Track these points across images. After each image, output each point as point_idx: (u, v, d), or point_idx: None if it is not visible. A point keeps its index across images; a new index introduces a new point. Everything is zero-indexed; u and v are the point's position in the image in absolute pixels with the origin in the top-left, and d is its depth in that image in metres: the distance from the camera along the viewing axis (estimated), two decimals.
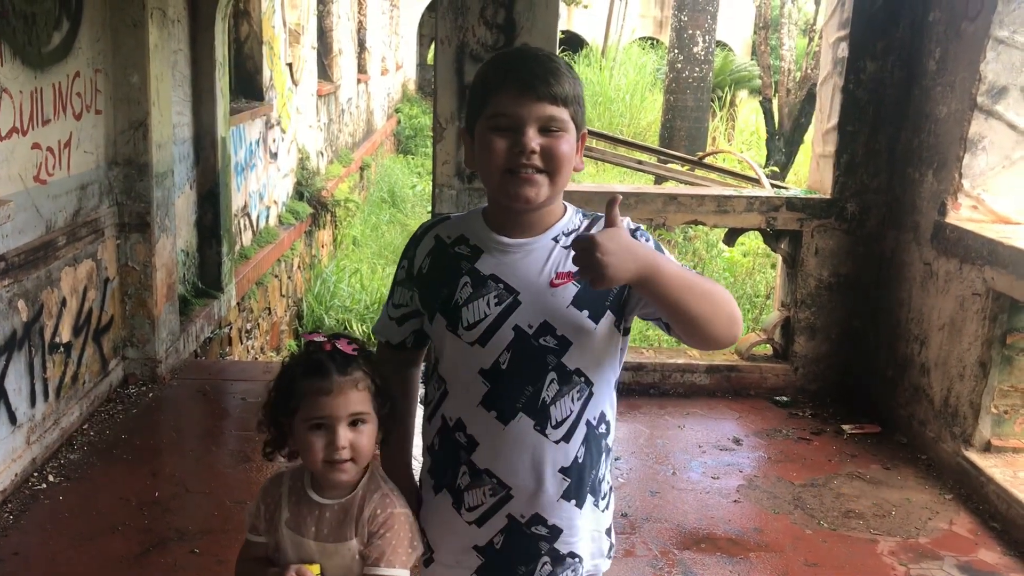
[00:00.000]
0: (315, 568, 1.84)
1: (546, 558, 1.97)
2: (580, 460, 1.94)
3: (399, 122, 21.28)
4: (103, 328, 5.03)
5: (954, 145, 4.62)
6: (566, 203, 1.99)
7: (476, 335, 1.88)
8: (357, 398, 1.83)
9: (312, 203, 10.52)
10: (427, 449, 2.04)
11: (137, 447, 4.58)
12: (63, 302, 4.52)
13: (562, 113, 1.82)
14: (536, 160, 1.81)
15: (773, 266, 11.14)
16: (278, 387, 1.89)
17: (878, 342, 5.32)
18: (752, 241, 12.28)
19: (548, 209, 1.93)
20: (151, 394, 5.21)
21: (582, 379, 1.92)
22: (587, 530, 1.99)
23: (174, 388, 5.36)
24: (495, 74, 1.86)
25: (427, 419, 2.04)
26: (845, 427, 5.08)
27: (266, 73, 8.82)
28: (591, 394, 1.93)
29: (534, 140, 1.81)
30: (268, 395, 1.91)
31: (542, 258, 1.90)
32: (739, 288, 10.79)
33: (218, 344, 6.85)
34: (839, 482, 4.48)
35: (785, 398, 5.42)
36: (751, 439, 4.94)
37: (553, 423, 1.89)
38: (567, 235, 1.92)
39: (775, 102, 16.43)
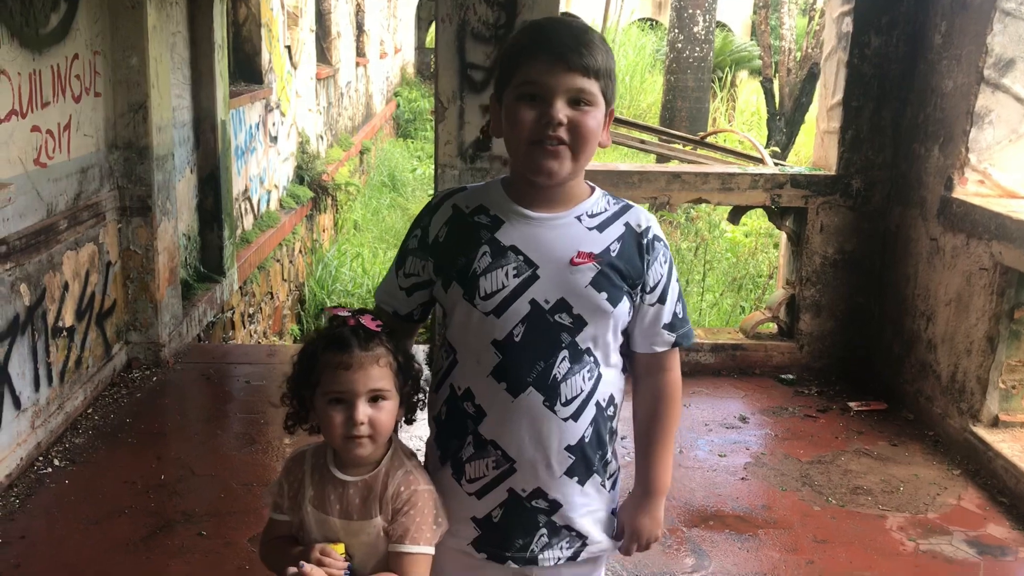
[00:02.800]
0: (340, 547, 1.82)
1: (543, 530, 1.96)
2: (587, 439, 1.93)
3: (398, 106, 21.20)
4: (106, 312, 5.00)
5: (960, 119, 4.58)
6: (593, 184, 1.98)
7: (492, 305, 1.86)
8: (378, 374, 1.81)
9: (313, 187, 10.48)
10: (433, 419, 2.03)
11: (142, 431, 4.57)
12: (65, 286, 4.50)
13: (592, 86, 1.80)
14: (562, 133, 1.79)
15: (776, 246, 11.10)
16: (300, 360, 1.88)
17: (884, 319, 5.30)
18: (754, 221, 12.24)
19: (572, 185, 1.92)
20: (155, 378, 5.19)
21: (592, 359, 1.91)
22: (589, 508, 1.98)
23: (178, 372, 5.34)
24: (527, 41, 1.83)
25: (434, 388, 2.02)
26: (851, 404, 5.06)
27: (265, 56, 8.77)
28: (600, 376, 1.93)
29: (562, 112, 1.78)
30: (291, 368, 1.90)
31: (565, 235, 1.89)
32: (741, 268, 10.76)
33: (221, 328, 6.83)
34: (846, 459, 4.47)
35: (791, 376, 5.40)
36: (757, 417, 4.92)
37: (563, 400, 1.88)
38: (592, 216, 1.92)
39: (776, 82, 16.37)
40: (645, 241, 1.93)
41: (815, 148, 5.65)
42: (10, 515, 3.74)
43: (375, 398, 1.81)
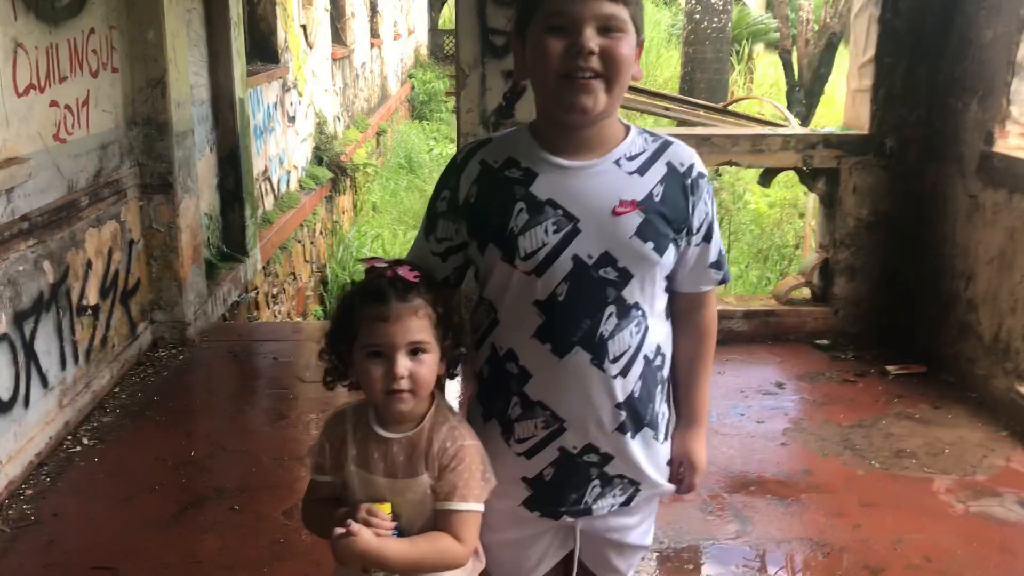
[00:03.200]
0: (386, 506, 1.75)
1: (596, 481, 1.90)
2: (636, 395, 1.85)
3: (413, 87, 21.09)
4: (130, 291, 4.95)
5: (1001, 71, 4.43)
6: (628, 123, 1.87)
7: (533, 265, 1.77)
8: (417, 326, 1.73)
9: (331, 168, 10.42)
10: (475, 375, 1.95)
11: (170, 409, 4.52)
12: (88, 264, 4.44)
13: (622, 11, 1.70)
14: (594, 63, 1.69)
15: (801, 216, 10.96)
16: (338, 313, 1.81)
17: (921, 280, 5.17)
18: (778, 192, 12.09)
19: (607, 126, 1.81)
20: (181, 357, 5.14)
21: (640, 313, 1.82)
22: (642, 458, 1.90)
23: (204, 350, 5.29)
24: None
25: (475, 346, 1.93)
26: (889, 368, 4.95)
27: (280, 35, 8.69)
28: (647, 328, 1.84)
29: (592, 40, 1.68)
30: (330, 322, 1.83)
31: (604, 183, 1.78)
32: (767, 239, 10.63)
33: (246, 309, 6.78)
34: (887, 422, 4.36)
35: (826, 341, 5.28)
36: (793, 383, 4.82)
37: (611, 358, 1.80)
38: (631, 159, 1.81)
39: (794, 54, 16.14)
40: (689, 181, 1.84)
41: (846, 108, 5.51)
42: (41, 493, 3.70)
43: (415, 351, 1.73)
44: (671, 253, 1.82)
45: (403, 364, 1.71)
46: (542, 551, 2.01)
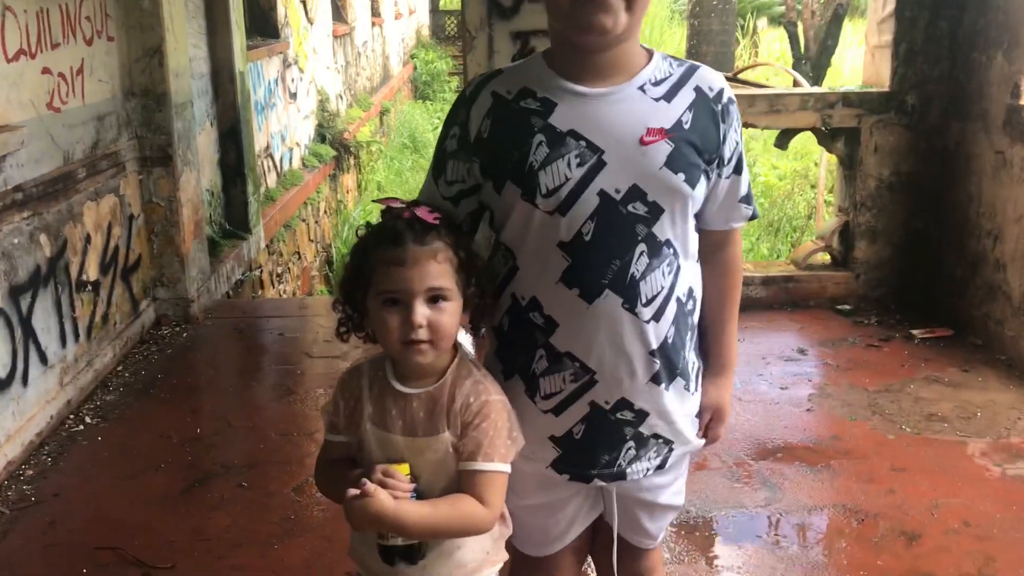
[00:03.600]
0: (404, 467, 1.60)
1: (631, 443, 1.75)
2: (670, 341, 1.71)
3: (415, 68, 20.89)
4: (131, 267, 4.81)
5: None
6: (650, 48, 1.72)
7: (556, 203, 1.62)
8: (436, 271, 1.58)
9: (335, 146, 10.27)
10: (492, 330, 1.80)
11: (175, 386, 4.39)
12: (87, 238, 4.31)
13: None
14: None
15: (812, 187, 10.78)
16: (352, 258, 1.65)
17: (945, 242, 5.01)
18: (787, 164, 11.91)
19: (628, 50, 1.66)
20: (185, 334, 5.01)
21: (671, 251, 1.68)
22: (677, 414, 1.77)
23: (208, 328, 5.15)
24: None
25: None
26: (915, 332, 4.80)
27: (280, 10, 8.52)
28: (679, 268, 1.70)
29: None
30: (343, 269, 1.68)
31: (629, 111, 1.64)
32: (778, 211, 10.45)
33: (250, 287, 6.65)
34: (916, 386, 4.22)
35: (847, 306, 5.13)
36: (816, 348, 4.67)
37: (643, 300, 1.66)
38: (656, 84, 1.66)
39: (800, 26, 15.91)
40: (719, 107, 1.70)
41: (865, 65, 5.33)
42: (43, 473, 3.58)
43: (435, 298, 1.58)
44: (702, 185, 1.68)
45: (421, 312, 1.57)
46: (571, 516, 1.88)
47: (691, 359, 1.79)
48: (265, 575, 2.91)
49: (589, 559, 2.08)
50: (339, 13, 12.33)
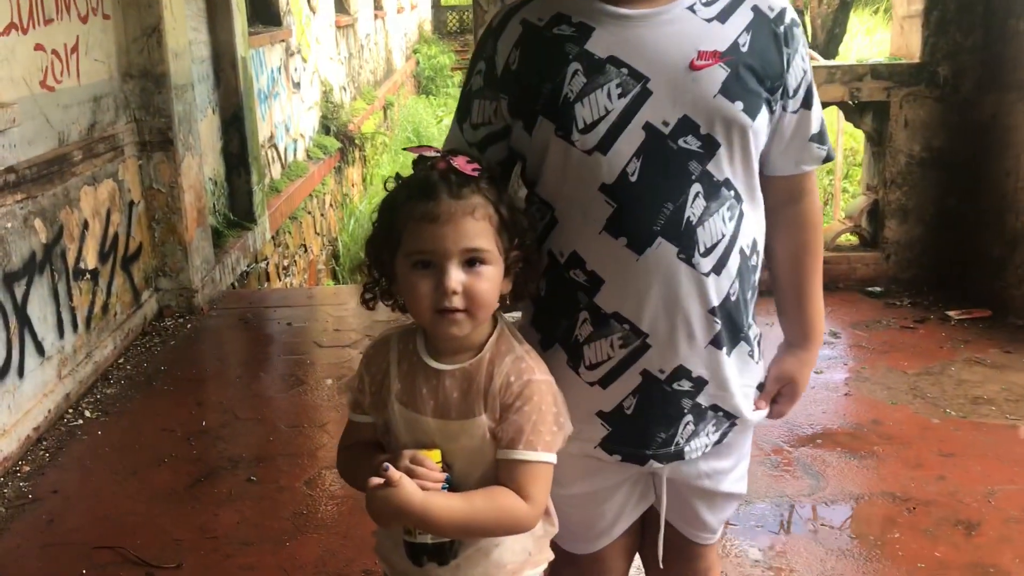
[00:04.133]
0: (435, 453, 1.39)
1: (689, 416, 1.54)
2: (733, 298, 1.50)
3: (418, 63, 20.69)
4: (132, 256, 4.62)
5: None
6: None
7: (595, 139, 1.42)
8: (475, 230, 1.36)
9: (339, 138, 10.07)
10: (528, 296, 1.59)
11: (179, 378, 4.19)
12: (85, 224, 4.11)
13: None
14: None
15: (829, 172, 10.56)
16: (380, 215, 1.44)
17: (980, 220, 4.79)
18: None
19: None
20: (189, 325, 4.81)
21: (732, 193, 1.47)
22: (737, 383, 1.56)
23: (213, 318, 4.96)
24: None
25: None
26: (951, 313, 4.59)
27: None
28: (742, 214, 1.49)
29: None
30: (372, 228, 1.47)
31: (677, 32, 1.43)
32: None
33: (256, 279, 6.45)
34: (957, 369, 4.01)
35: (878, 288, 4.93)
36: (849, 332, 4.47)
37: (701, 250, 1.45)
38: (707, 4, 1.45)
39: (807, 15, 15.71)
40: (782, 28, 1.49)
41: (893, 37, 5.12)
42: (40, 469, 3.38)
43: (471, 261, 1.36)
44: (764, 117, 1.47)
45: (456, 276, 1.35)
46: (619, 507, 1.66)
47: (753, 322, 1.58)
48: (276, 574, 2.71)
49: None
50: (341, 4, 12.13)
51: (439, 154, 1.41)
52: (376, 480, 1.31)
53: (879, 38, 17.99)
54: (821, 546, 2.79)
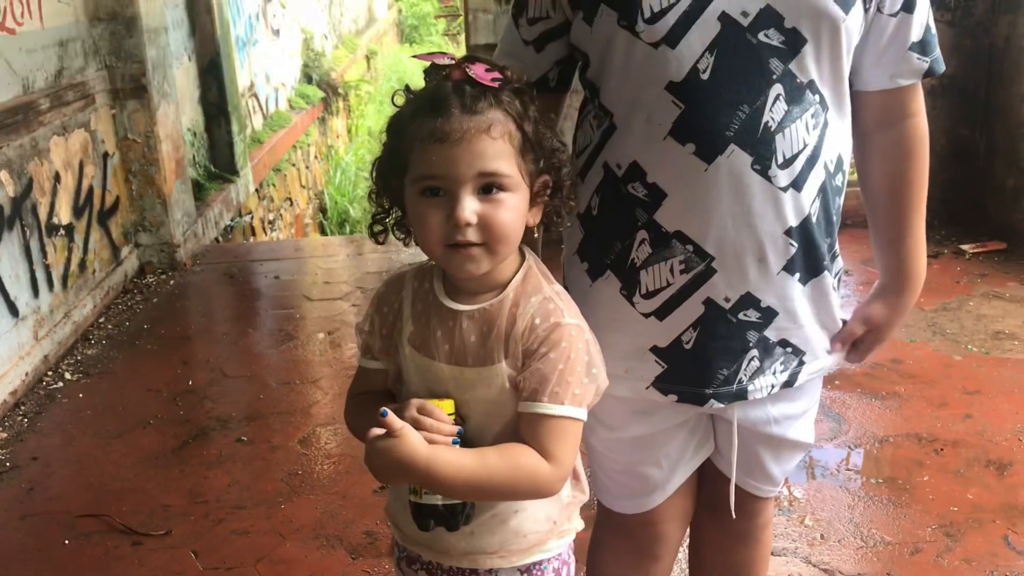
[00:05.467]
0: (447, 404, 1.20)
1: (754, 351, 1.35)
2: (814, 218, 1.31)
3: (400, 11, 20.23)
4: (108, 210, 4.40)
5: None
6: None
7: (663, 30, 1.22)
8: (492, 150, 1.15)
9: (322, 87, 9.78)
10: (578, 218, 1.40)
11: (163, 336, 4.00)
12: (56, 177, 3.89)
13: None
14: None
15: None
16: (387, 135, 1.24)
17: (993, 149, 4.61)
18: None
19: None
20: (172, 282, 4.61)
21: (817, 99, 1.26)
22: (810, 315, 1.37)
23: (198, 274, 4.76)
24: None
25: (579, 176, 1.38)
26: (964, 247, 4.43)
27: None
28: (827, 124, 1.28)
29: None
30: (379, 150, 1.26)
31: None
32: None
33: (240, 234, 6.23)
34: (975, 303, 3.86)
35: None
36: (860, 269, 4.29)
37: (779, 160, 1.25)
38: None
39: None
40: None
41: None
42: (19, 436, 3.20)
43: (488, 187, 1.16)
44: (858, 13, 1.26)
45: (469, 205, 1.15)
46: (676, 455, 1.48)
47: (834, 247, 1.40)
48: (272, 538, 2.55)
49: None
50: None
51: (453, 61, 1.19)
52: (376, 431, 1.13)
53: None
54: (847, 491, 2.65)
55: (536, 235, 1.28)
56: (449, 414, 1.20)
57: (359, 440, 1.19)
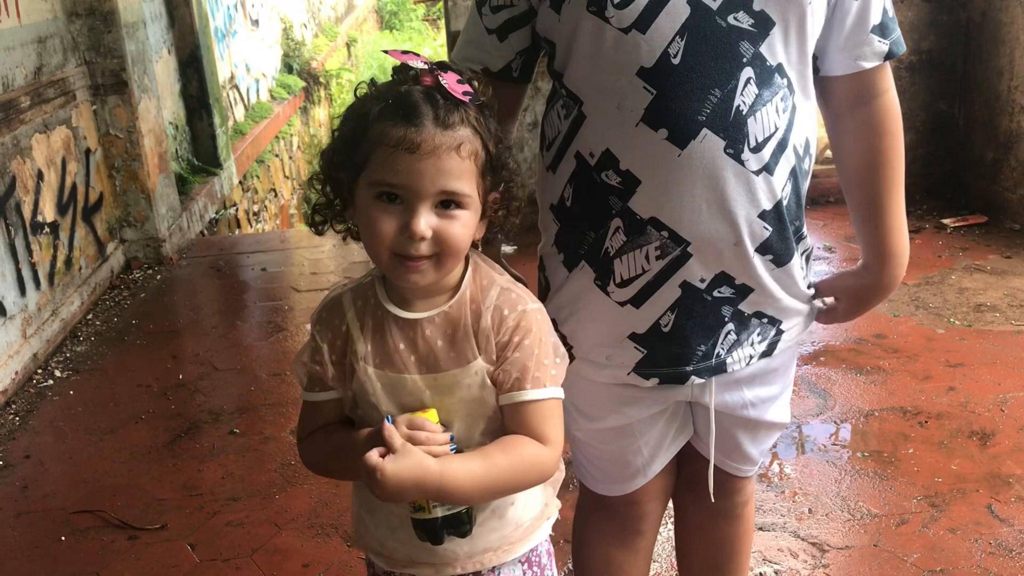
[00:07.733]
0: (431, 414, 1.19)
1: (730, 325, 1.37)
2: (785, 201, 1.32)
3: None
4: (93, 207, 4.39)
5: None
6: None
7: (633, 15, 1.22)
8: (458, 169, 1.13)
9: (303, 76, 9.74)
10: (551, 210, 1.41)
11: (151, 331, 4.01)
12: (39, 175, 3.88)
13: None
14: None
15: None
16: (345, 125, 1.20)
17: (972, 122, 4.65)
18: None
19: None
20: (159, 276, 4.62)
21: (785, 82, 1.27)
22: (782, 291, 1.38)
23: (184, 268, 4.76)
24: None
25: (549, 168, 1.39)
26: (945, 221, 4.48)
27: None
28: (795, 108, 1.29)
29: None
30: (333, 138, 1.22)
31: None
32: None
33: (225, 226, 6.23)
34: (957, 277, 3.90)
35: None
36: (844, 245, 4.34)
37: (751, 144, 1.26)
38: None
39: None
40: None
41: None
42: (10, 434, 3.21)
43: (446, 203, 1.14)
44: None
45: (426, 219, 1.13)
46: (656, 441, 1.50)
47: (803, 228, 1.41)
48: (267, 528, 2.58)
49: None
50: None
51: (427, 66, 1.16)
52: (374, 453, 1.10)
53: None
54: (834, 466, 2.69)
55: (478, 247, 1.29)
56: (435, 424, 1.19)
57: (332, 478, 1.16)
